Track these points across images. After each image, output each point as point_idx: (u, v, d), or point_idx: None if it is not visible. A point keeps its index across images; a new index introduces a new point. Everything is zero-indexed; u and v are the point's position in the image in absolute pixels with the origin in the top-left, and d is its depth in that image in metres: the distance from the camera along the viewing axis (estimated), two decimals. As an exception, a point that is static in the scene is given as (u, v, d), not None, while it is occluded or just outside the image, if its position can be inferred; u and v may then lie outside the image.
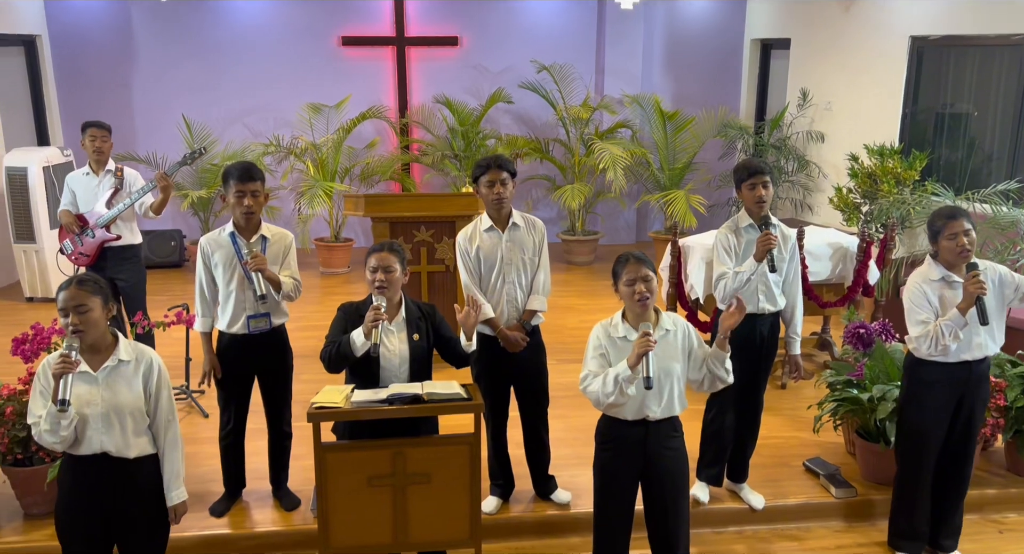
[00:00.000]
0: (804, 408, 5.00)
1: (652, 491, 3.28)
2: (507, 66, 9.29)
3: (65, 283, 2.89)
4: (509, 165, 3.80)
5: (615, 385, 3.02)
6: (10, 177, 7.33)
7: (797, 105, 8.35)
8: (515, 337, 3.84)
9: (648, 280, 3.08)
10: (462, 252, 3.90)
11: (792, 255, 3.96)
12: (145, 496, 3.01)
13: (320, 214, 8.35)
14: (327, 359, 3.35)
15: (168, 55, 8.97)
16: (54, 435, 2.84)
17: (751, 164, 3.83)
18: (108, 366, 2.92)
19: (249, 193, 3.72)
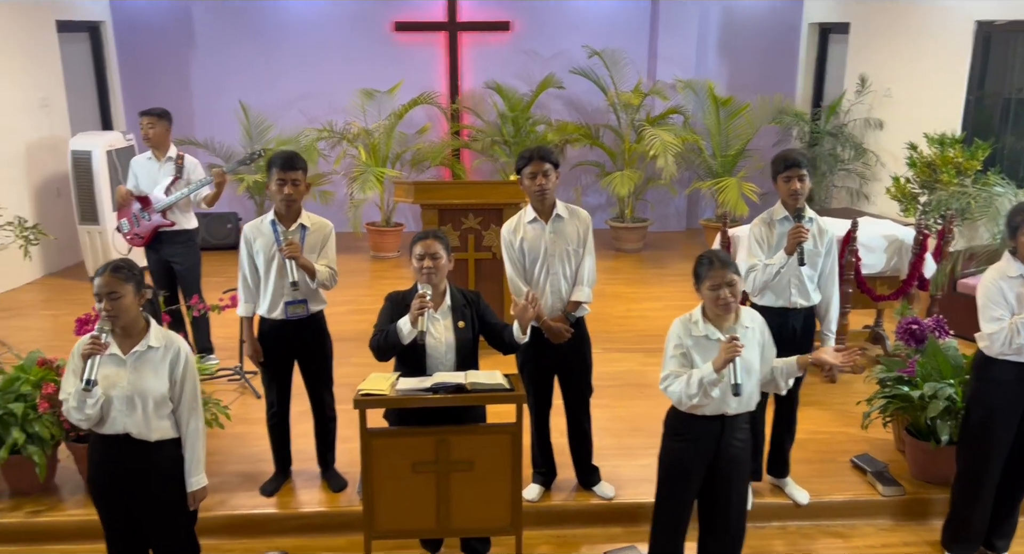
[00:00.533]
0: (853, 403, 4.92)
1: (717, 480, 3.26)
2: (558, 51, 9.24)
3: (100, 269, 2.99)
4: (552, 156, 3.80)
5: (699, 388, 3.02)
6: (75, 160, 7.57)
7: (855, 91, 8.16)
8: (559, 328, 3.86)
9: (733, 284, 3.06)
10: (506, 244, 3.91)
11: (829, 250, 3.89)
12: (165, 478, 3.10)
13: (371, 199, 8.45)
14: (376, 348, 3.41)
15: (226, 41, 9.14)
16: (80, 412, 2.97)
17: (788, 156, 3.78)
18: (137, 351, 3.02)
19: (290, 181, 3.79)
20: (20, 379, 4.10)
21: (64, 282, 7.89)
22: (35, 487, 4.12)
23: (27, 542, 3.93)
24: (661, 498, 3.36)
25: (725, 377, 2.98)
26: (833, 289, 3.94)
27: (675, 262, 8.48)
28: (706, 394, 3.03)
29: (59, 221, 7.91)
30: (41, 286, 7.79)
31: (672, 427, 3.28)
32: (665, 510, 3.36)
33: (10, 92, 7.50)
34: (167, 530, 3.16)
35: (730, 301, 3.05)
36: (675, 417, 3.25)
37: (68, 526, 3.96)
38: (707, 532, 3.39)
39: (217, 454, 4.53)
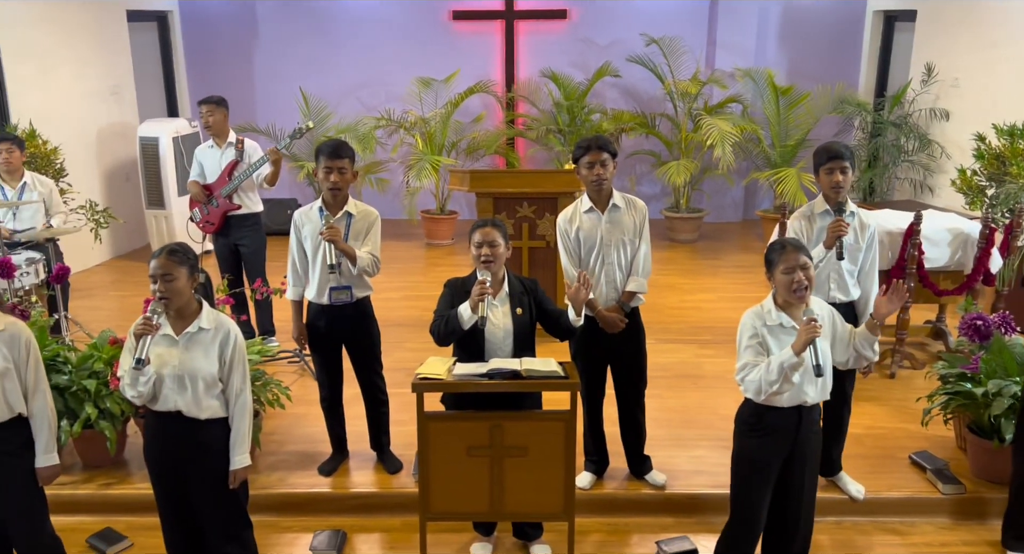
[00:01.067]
0: (912, 399, 4.83)
1: (792, 472, 3.24)
2: (615, 39, 9.19)
3: (156, 252, 3.10)
4: (609, 146, 3.80)
5: (780, 373, 3.00)
6: (143, 146, 7.81)
7: (921, 81, 7.94)
8: (613, 318, 3.87)
9: (807, 268, 3.05)
10: (562, 233, 3.93)
11: (870, 245, 3.83)
12: (213, 454, 3.19)
13: (427, 187, 8.54)
14: (436, 333, 3.47)
15: (288, 31, 9.30)
16: (132, 389, 3.09)
17: (830, 148, 3.72)
18: (189, 332, 3.11)
19: (336, 170, 3.87)
20: (93, 357, 4.27)
21: (131, 264, 8.16)
22: (106, 460, 4.30)
23: (99, 512, 4.10)
24: (740, 497, 3.31)
25: (805, 360, 2.96)
26: (872, 285, 3.87)
27: (730, 253, 8.39)
28: (787, 379, 3.01)
29: (127, 205, 8.18)
30: (109, 268, 8.07)
31: (747, 423, 3.22)
32: (743, 509, 3.31)
33: (83, 80, 7.76)
34: (217, 505, 3.26)
35: (804, 285, 3.02)
36: (750, 412, 3.21)
37: (136, 498, 4.12)
38: (777, 527, 3.35)
39: (277, 434, 4.66)
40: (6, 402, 3.12)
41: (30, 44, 7.15)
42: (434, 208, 9.02)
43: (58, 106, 7.44)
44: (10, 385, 3.11)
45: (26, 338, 3.16)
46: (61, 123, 7.36)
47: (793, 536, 3.35)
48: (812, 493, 3.34)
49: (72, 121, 7.60)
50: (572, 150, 8.49)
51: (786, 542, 3.37)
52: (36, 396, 3.19)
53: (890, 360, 5.43)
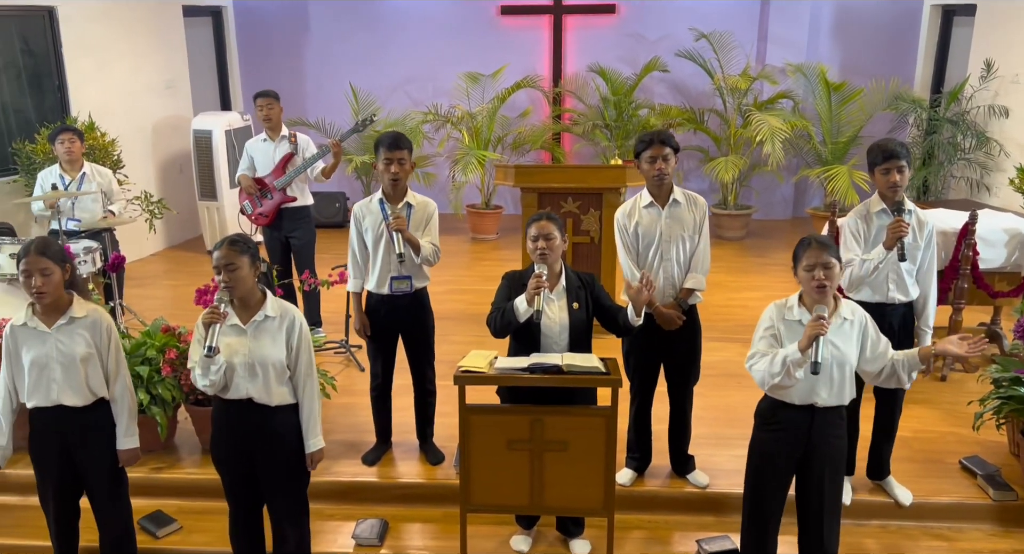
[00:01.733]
0: (964, 403, 4.72)
1: (810, 476, 3.23)
2: (664, 34, 9.11)
3: (218, 243, 3.19)
4: (672, 140, 3.77)
5: (782, 366, 2.99)
6: (197, 139, 7.98)
7: (979, 77, 7.72)
8: (671, 315, 3.84)
9: (829, 267, 3.01)
10: (620, 228, 3.90)
11: (928, 243, 3.73)
12: (284, 441, 3.29)
13: (472, 181, 8.58)
14: (492, 324, 3.49)
15: (338, 26, 9.42)
16: (205, 378, 3.18)
17: (886, 147, 3.62)
18: (256, 320, 3.20)
19: (396, 161, 3.92)
20: (146, 344, 4.39)
21: (184, 254, 8.35)
22: (157, 445, 4.42)
23: (149, 496, 4.21)
24: (750, 488, 3.35)
25: (809, 358, 2.93)
26: (931, 284, 3.79)
27: (778, 251, 8.27)
28: (789, 374, 2.99)
29: (180, 197, 8.37)
30: (163, 258, 8.27)
31: (762, 416, 3.27)
32: (754, 501, 3.34)
33: (140, 74, 7.96)
34: (283, 490, 3.36)
35: (825, 284, 2.99)
36: (765, 406, 3.24)
37: (186, 483, 4.24)
38: (802, 528, 3.35)
39: (322, 423, 4.72)
40: (89, 387, 3.26)
41: (90, 39, 7.35)
42: (479, 203, 9.06)
43: (116, 99, 7.64)
44: (93, 370, 3.26)
45: (107, 324, 3.29)
46: (118, 116, 7.56)
47: (817, 541, 3.31)
48: (835, 499, 3.27)
49: (129, 114, 7.80)
50: (618, 145, 8.42)
51: (811, 547, 3.34)
52: (117, 381, 3.34)
53: (941, 362, 5.31)
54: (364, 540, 3.86)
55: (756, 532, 3.37)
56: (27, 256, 3.12)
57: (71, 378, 3.22)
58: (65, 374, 3.21)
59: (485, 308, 3.83)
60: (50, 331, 3.20)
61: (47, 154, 6.54)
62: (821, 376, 3.04)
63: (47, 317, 3.22)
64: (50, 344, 3.20)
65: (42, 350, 3.20)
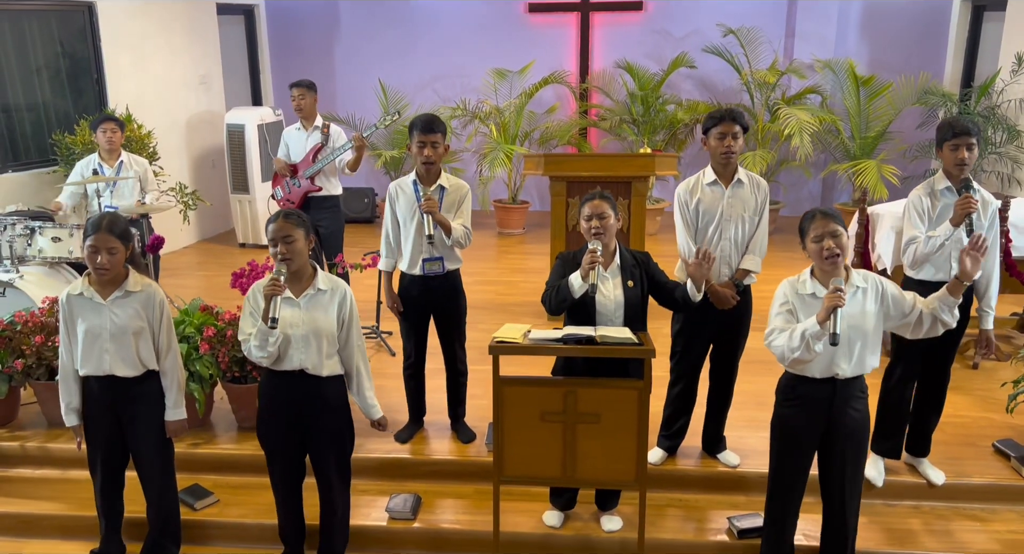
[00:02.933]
0: (997, 389, 4.70)
1: (832, 451, 3.25)
2: (691, 30, 9.14)
3: (273, 216, 3.27)
4: (743, 119, 3.78)
5: (802, 340, 3.00)
6: (230, 133, 8.12)
7: (1011, 71, 7.66)
8: (726, 294, 3.85)
9: (837, 235, 3.03)
10: (681, 204, 3.91)
11: (992, 223, 3.71)
12: (333, 410, 3.39)
13: (500, 176, 8.64)
14: (547, 302, 3.51)
15: (368, 24, 9.54)
16: (262, 350, 3.24)
17: (957, 123, 3.62)
18: (308, 294, 3.28)
19: (430, 144, 3.98)
20: (184, 322, 4.48)
21: (216, 247, 8.48)
22: (194, 422, 4.49)
23: (187, 470, 4.26)
24: (774, 464, 3.37)
25: (828, 330, 2.94)
26: (994, 264, 3.76)
27: (806, 246, 8.24)
28: (808, 348, 3.00)
29: (213, 191, 8.50)
30: (196, 250, 8.41)
31: (783, 392, 3.29)
32: (778, 476, 3.37)
33: (175, 69, 8.11)
34: (334, 459, 3.45)
35: (836, 253, 3.01)
36: (786, 382, 3.27)
37: (223, 458, 4.32)
38: (826, 504, 3.37)
39: (353, 405, 4.79)
40: (139, 359, 3.35)
41: (127, 34, 7.51)
42: (506, 198, 9.12)
43: (151, 93, 7.79)
44: (144, 343, 3.35)
45: (160, 299, 3.38)
46: (154, 110, 7.71)
47: (837, 515, 3.33)
48: (856, 474, 3.28)
49: (164, 108, 7.94)
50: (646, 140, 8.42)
51: (832, 521, 3.37)
52: (168, 354, 3.42)
53: (973, 351, 5.29)
54: (398, 514, 3.91)
55: (778, 509, 3.40)
56: (96, 233, 3.18)
57: (122, 349, 3.31)
58: (117, 345, 3.30)
59: (512, 298, 3.90)
60: (105, 303, 3.29)
61: (86, 145, 6.69)
62: (840, 347, 3.05)
63: (103, 289, 3.30)
64: (104, 316, 3.29)
65: (96, 321, 3.29)
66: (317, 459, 3.46)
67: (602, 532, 3.77)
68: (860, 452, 3.28)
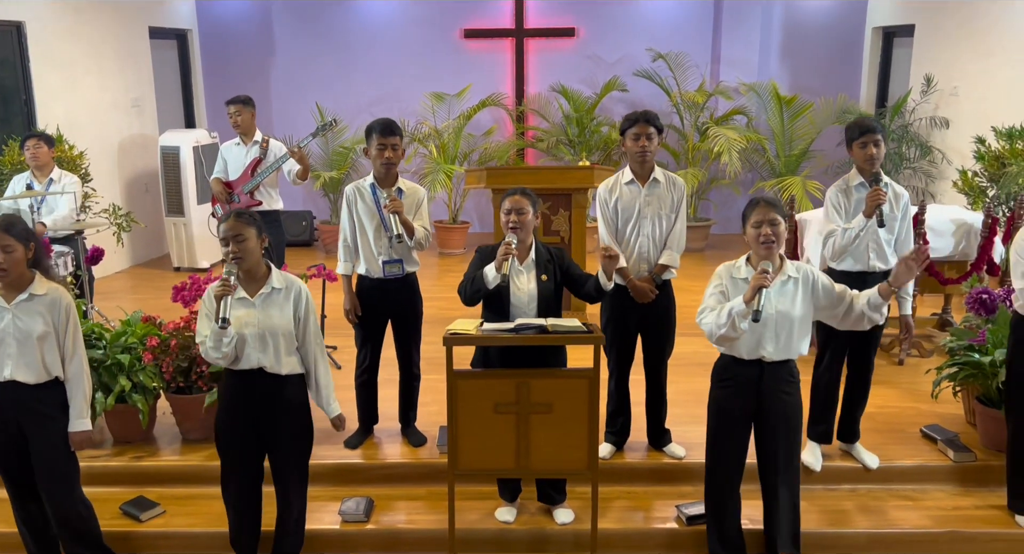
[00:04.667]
0: (922, 381, 4.96)
1: (764, 433, 3.40)
2: (622, 55, 9.45)
3: (224, 216, 3.29)
4: (656, 121, 3.96)
5: (728, 318, 3.16)
6: (164, 155, 8.02)
7: (920, 92, 8.17)
8: (644, 288, 4.00)
9: (775, 224, 3.20)
10: (601, 202, 4.08)
11: (904, 214, 3.97)
12: (293, 409, 3.39)
13: (440, 197, 8.72)
14: (463, 292, 3.62)
15: (304, 49, 9.58)
16: (217, 351, 3.23)
17: (863, 122, 3.89)
18: (263, 293, 3.29)
19: (390, 146, 4.06)
20: (127, 333, 4.40)
21: (150, 271, 8.31)
22: (137, 434, 4.41)
23: (130, 484, 4.19)
24: (710, 442, 3.52)
25: (752, 308, 3.09)
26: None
27: (738, 260, 8.54)
28: (733, 326, 3.15)
29: (146, 216, 8.34)
30: (129, 275, 8.22)
31: (717, 373, 3.46)
32: (714, 456, 3.51)
33: (107, 92, 7.99)
34: (293, 459, 3.44)
35: (772, 240, 3.17)
36: (719, 365, 3.44)
37: (168, 470, 4.24)
38: (765, 489, 3.50)
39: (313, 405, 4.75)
40: (44, 365, 3.26)
41: (58, 55, 7.39)
42: (447, 219, 9.20)
43: (83, 116, 7.66)
44: (49, 348, 3.25)
45: (67, 303, 3.30)
46: (85, 132, 7.57)
47: (775, 497, 3.45)
48: (790, 456, 3.42)
49: (95, 131, 7.81)
50: (584, 160, 8.63)
51: (773, 504, 3.49)
52: (73, 360, 3.33)
53: (898, 349, 5.56)
54: (351, 516, 3.89)
55: (716, 490, 3.53)
56: None
57: (26, 355, 3.22)
58: (20, 350, 3.21)
59: (455, 313, 4.01)
60: (8, 307, 3.21)
61: (15, 164, 6.53)
62: (766, 331, 3.22)
63: (7, 292, 3.22)
64: (7, 320, 3.20)
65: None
66: (276, 459, 3.44)
67: (555, 525, 3.83)
68: (794, 435, 3.43)
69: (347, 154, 9.04)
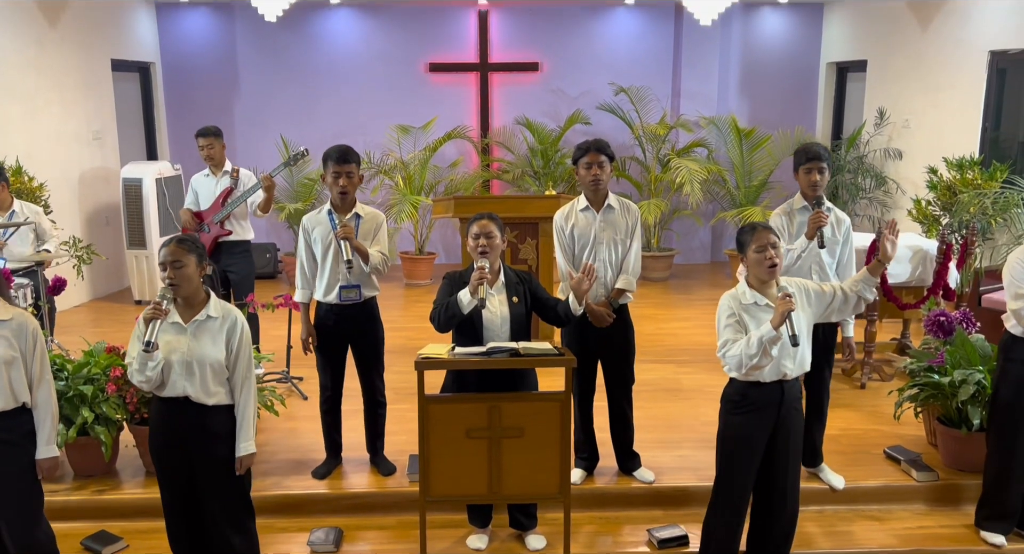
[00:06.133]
0: (883, 404, 5.06)
1: (776, 448, 3.39)
2: (585, 89, 9.62)
3: (166, 241, 3.23)
4: (608, 149, 4.04)
5: (759, 346, 3.16)
6: (127, 187, 7.94)
7: (874, 124, 8.44)
8: (601, 313, 4.04)
9: (776, 246, 3.27)
10: (557, 229, 4.14)
11: (846, 239, 4.07)
12: (220, 440, 3.28)
13: (406, 228, 8.73)
14: (436, 319, 3.61)
15: (268, 81, 9.60)
16: (141, 374, 3.18)
17: (809, 149, 4.01)
18: (198, 320, 3.24)
19: (344, 174, 4.06)
20: (89, 364, 4.32)
21: (111, 305, 8.17)
22: (99, 467, 4.31)
23: (92, 518, 4.10)
24: (725, 475, 3.45)
25: (783, 333, 3.14)
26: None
27: (701, 289, 8.67)
28: (766, 353, 3.17)
29: (107, 249, 8.22)
30: (89, 308, 8.07)
31: (732, 401, 3.39)
32: (728, 487, 3.45)
33: (68, 124, 7.92)
34: (222, 491, 3.32)
35: (776, 262, 3.24)
36: (735, 390, 3.38)
37: (131, 503, 4.14)
38: (764, 507, 3.50)
39: (268, 445, 4.70)
40: (11, 391, 3.18)
41: (19, 86, 7.32)
42: (413, 250, 9.21)
43: (43, 147, 7.57)
44: (15, 374, 3.18)
45: (33, 328, 3.24)
46: (46, 164, 7.48)
47: (780, 514, 3.48)
48: (796, 471, 3.49)
49: (56, 163, 7.71)
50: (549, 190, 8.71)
51: (773, 521, 3.50)
52: (41, 386, 3.26)
53: (859, 373, 5.66)
54: (320, 547, 3.83)
55: (729, 518, 3.47)
56: None
57: None
58: None
59: (422, 342, 4.02)
60: None
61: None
62: (784, 349, 3.23)
63: None
64: None
65: None
66: (206, 491, 3.31)
67: (527, 551, 3.81)
68: (799, 444, 3.49)
69: (312, 185, 9.03)
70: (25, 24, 7.39)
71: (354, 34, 9.62)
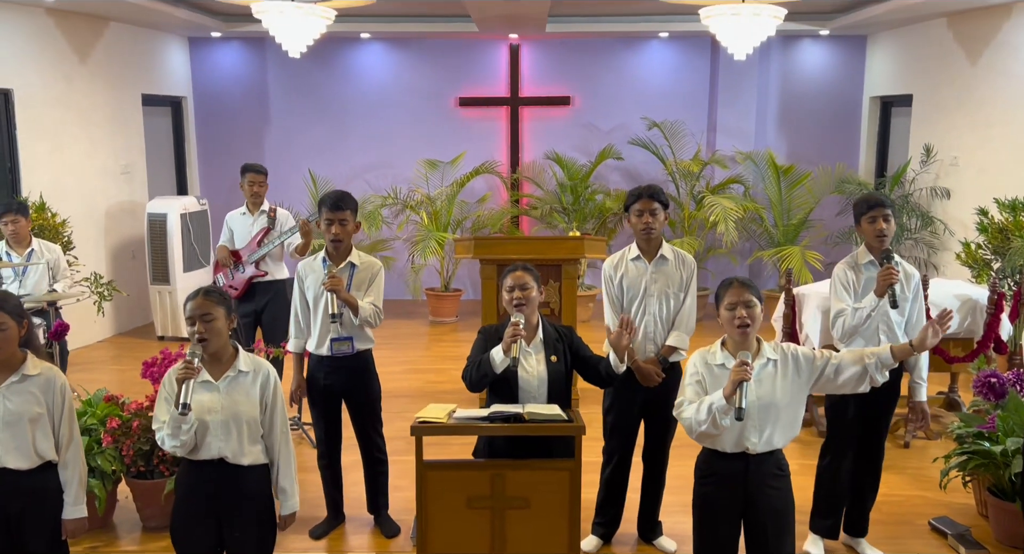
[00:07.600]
0: (929, 467, 4.68)
1: (754, 531, 3.10)
2: (617, 124, 9.42)
3: (192, 293, 3.05)
4: (661, 196, 3.79)
5: (708, 414, 2.89)
6: (151, 222, 7.90)
7: (920, 161, 8.07)
8: (650, 370, 3.76)
9: (750, 306, 2.97)
10: (606, 279, 3.88)
11: (916, 295, 3.75)
12: (255, 502, 3.09)
13: (432, 264, 8.57)
14: (468, 378, 3.37)
15: (299, 116, 9.57)
16: (175, 439, 2.96)
17: (871, 196, 3.72)
18: (229, 376, 3.03)
19: (337, 221, 3.87)
20: (86, 413, 4.18)
21: (133, 341, 8.11)
22: (94, 522, 4.09)
23: (81, 577, 3.92)
24: (697, 544, 3.21)
25: (734, 404, 2.84)
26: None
27: (737, 331, 8.32)
28: (715, 423, 2.88)
29: (132, 283, 8.20)
30: (111, 344, 8.02)
31: (699, 469, 3.16)
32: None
33: (97, 158, 7.93)
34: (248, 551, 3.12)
35: (746, 323, 2.94)
36: (702, 459, 3.15)
37: (122, 562, 3.96)
38: None
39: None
40: (35, 449, 3.04)
41: (46, 123, 7.34)
42: (439, 286, 9.03)
43: (68, 182, 7.57)
44: (41, 432, 3.04)
45: (61, 384, 3.10)
46: (71, 199, 7.48)
47: None
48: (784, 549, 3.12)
49: (82, 197, 7.72)
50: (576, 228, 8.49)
51: None
52: (71, 445, 3.12)
53: (903, 430, 5.29)
54: (313, 617, 3.60)
55: None
56: None
57: (17, 438, 2.99)
58: (11, 434, 2.98)
59: (442, 386, 3.76)
60: None
61: (-8, 234, 6.40)
62: (749, 421, 2.94)
63: None
64: None
65: None
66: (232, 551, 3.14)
67: (535, 629, 3.52)
68: (784, 531, 3.13)
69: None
70: (54, 61, 7.43)
71: (385, 68, 9.56)
